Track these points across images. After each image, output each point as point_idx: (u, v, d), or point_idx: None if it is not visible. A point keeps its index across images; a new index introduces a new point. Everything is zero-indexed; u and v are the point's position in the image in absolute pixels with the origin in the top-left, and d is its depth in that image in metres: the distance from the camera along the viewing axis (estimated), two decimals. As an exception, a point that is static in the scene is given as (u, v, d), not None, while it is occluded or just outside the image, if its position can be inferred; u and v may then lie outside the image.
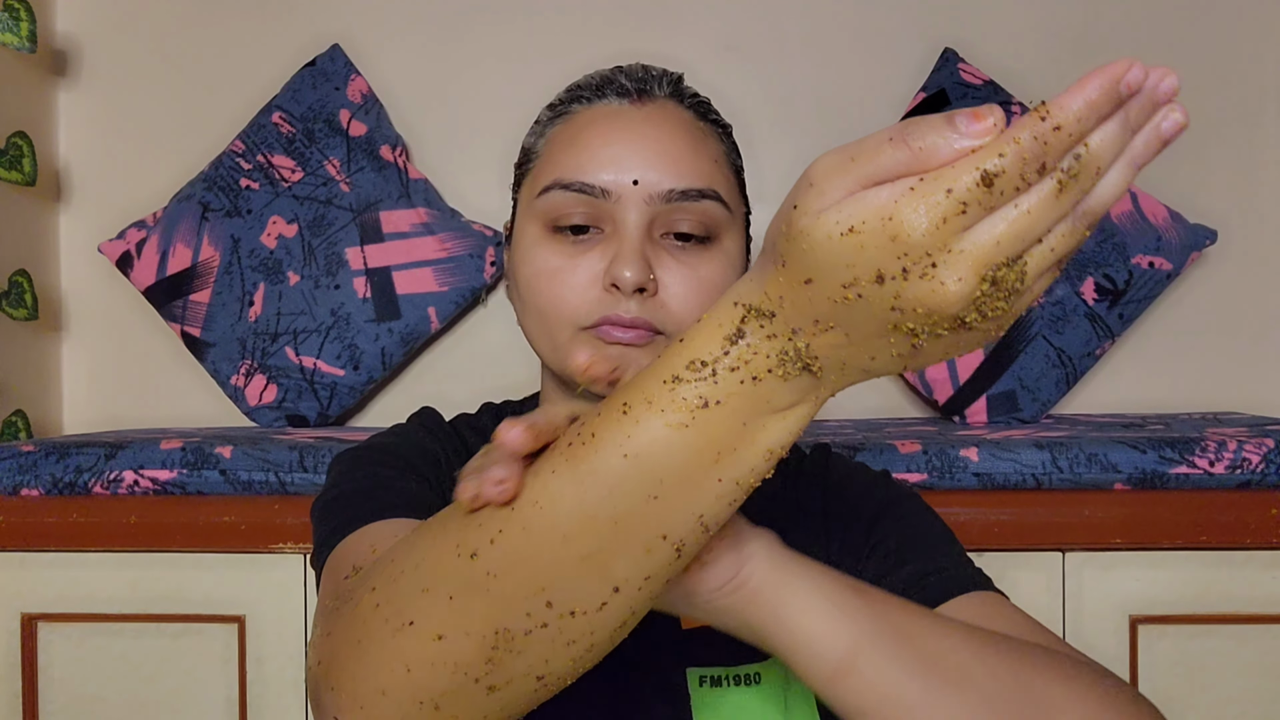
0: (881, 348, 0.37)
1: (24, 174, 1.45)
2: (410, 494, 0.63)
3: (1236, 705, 1.03)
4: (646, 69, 0.67)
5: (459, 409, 0.80)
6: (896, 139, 0.34)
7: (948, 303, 0.34)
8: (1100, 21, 1.54)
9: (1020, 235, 0.33)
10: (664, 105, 0.65)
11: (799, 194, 0.36)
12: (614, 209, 0.62)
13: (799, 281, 0.36)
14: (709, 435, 0.39)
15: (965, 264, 0.33)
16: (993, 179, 0.33)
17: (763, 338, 0.38)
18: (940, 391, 1.41)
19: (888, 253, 0.34)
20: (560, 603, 0.41)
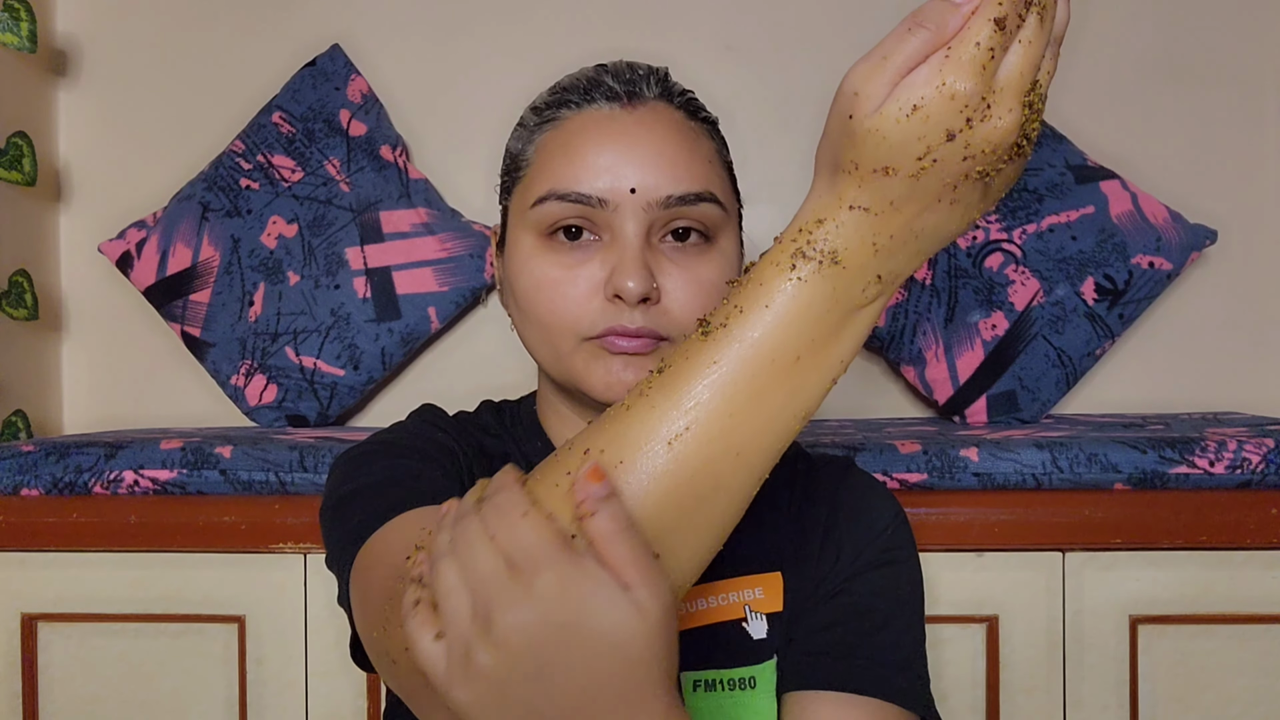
0: (950, 205, 0.43)
1: (24, 174, 1.45)
2: (435, 482, 0.61)
3: (1236, 705, 1.03)
4: (632, 68, 0.66)
5: (459, 408, 0.80)
6: (914, 26, 0.41)
7: (1008, 132, 0.41)
8: (1100, 22, 1.54)
9: (1032, 62, 0.41)
10: (655, 107, 0.64)
11: (848, 105, 0.42)
12: (611, 217, 0.61)
13: (877, 174, 0.42)
14: (819, 306, 0.44)
15: (1009, 97, 0.40)
16: (1003, 21, 0.40)
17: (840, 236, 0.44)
18: (940, 391, 1.41)
19: (950, 112, 0.40)
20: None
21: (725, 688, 0.64)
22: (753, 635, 0.66)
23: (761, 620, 0.66)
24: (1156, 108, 1.53)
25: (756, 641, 0.65)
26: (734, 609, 0.66)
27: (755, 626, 0.66)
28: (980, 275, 1.38)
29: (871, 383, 1.56)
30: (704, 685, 0.64)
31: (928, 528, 1.03)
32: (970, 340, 1.38)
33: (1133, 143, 1.53)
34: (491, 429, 0.74)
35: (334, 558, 0.61)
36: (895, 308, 1.41)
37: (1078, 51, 1.54)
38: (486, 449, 0.71)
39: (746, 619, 0.66)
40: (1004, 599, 1.03)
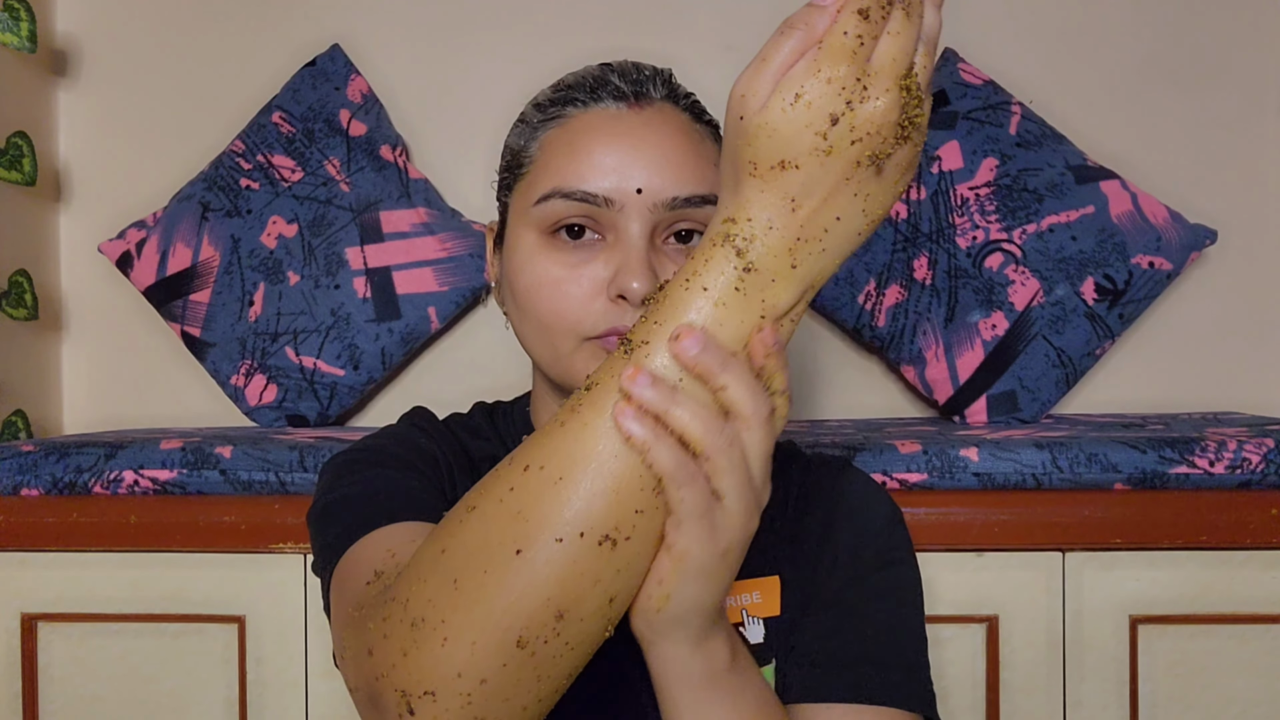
0: (851, 197, 0.45)
1: (24, 174, 1.45)
2: (416, 496, 0.62)
3: (1236, 705, 1.03)
4: (638, 68, 0.66)
5: (459, 408, 0.80)
6: (786, 29, 0.44)
7: (887, 111, 0.43)
8: (1100, 22, 1.54)
9: (903, 48, 0.43)
10: (661, 108, 0.64)
11: (738, 108, 0.45)
12: (616, 217, 0.61)
13: (775, 169, 0.44)
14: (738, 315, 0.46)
15: (883, 79, 0.43)
16: (866, 12, 0.42)
17: (748, 244, 0.45)
18: (940, 391, 1.41)
19: (830, 96, 0.43)
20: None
21: None
22: (750, 640, 0.66)
23: (759, 625, 0.66)
24: (1156, 108, 1.53)
25: (753, 646, 0.65)
26: (731, 613, 0.66)
27: (752, 631, 0.66)
28: (980, 275, 1.38)
29: (871, 383, 1.56)
30: None
31: (928, 528, 1.03)
32: (970, 340, 1.38)
33: (1133, 143, 1.53)
34: (482, 431, 0.74)
35: (315, 566, 0.63)
36: (895, 307, 1.41)
37: (1078, 51, 1.54)
38: (472, 453, 0.72)
39: (744, 623, 0.66)
40: (1004, 599, 1.03)
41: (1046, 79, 1.53)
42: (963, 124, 1.43)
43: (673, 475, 0.43)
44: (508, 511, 0.44)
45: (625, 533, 0.44)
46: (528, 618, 0.43)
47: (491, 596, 0.43)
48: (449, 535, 0.46)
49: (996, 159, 1.41)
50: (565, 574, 0.43)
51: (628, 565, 0.45)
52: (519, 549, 0.43)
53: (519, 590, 0.43)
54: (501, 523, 0.44)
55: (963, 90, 1.46)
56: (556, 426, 0.46)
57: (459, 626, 0.43)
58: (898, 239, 1.41)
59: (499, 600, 0.43)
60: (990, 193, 1.40)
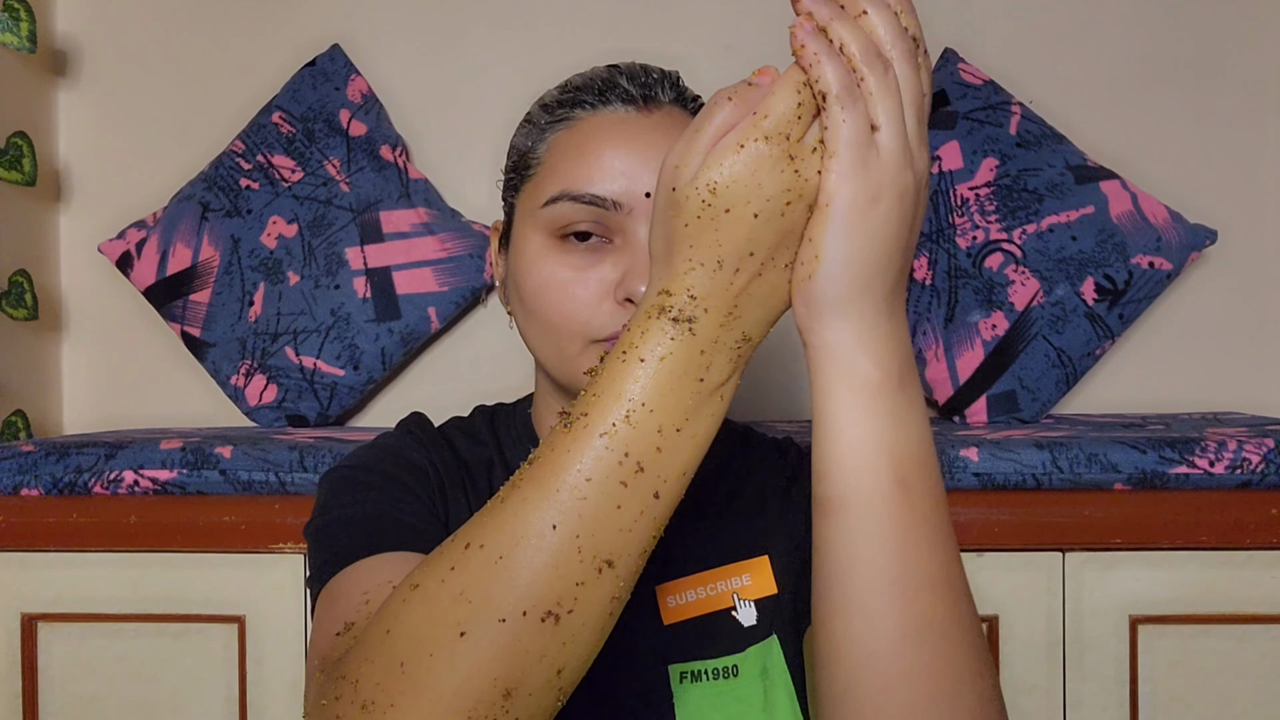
0: (783, 267, 0.45)
1: (24, 174, 1.45)
2: (399, 522, 0.63)
3: (1236, 705, 1.03)
4: (646, 71, 0.66)
5: (459, 409, 0.80)
6: (719, 100, 0.44)
7: (815, 188, 0.44)
8: (1100, 22, 1.54)
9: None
10: (670, 112, 0.64)
11: (670, 179, 0.45)
12: (625, 221, 0.61)
13: (706, 240, 0.44)
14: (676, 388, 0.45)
15: (808, 156, 0.44)
16: (799, 88, 0.43)
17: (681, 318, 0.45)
18: (940, 391, 1.41)
19: (759, 169, 0.43)
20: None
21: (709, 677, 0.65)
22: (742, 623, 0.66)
23: (750, 607, 0.67)
24: (1156, 108, 1.53)
25: (746, 629, 0.66)
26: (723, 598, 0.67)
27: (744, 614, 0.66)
28: (980, 275, 1.38)
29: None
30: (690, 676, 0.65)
31: (928, 528, 1.03)
32: (970, 340, 1.38)
33: (1133, 143, 1.53)
34: (480, 436, 0.74)
35: (309, 585, 0.64)
36: (895, 308, 1.41)
37: (1078, 51, 1.54)
38: (467, 460, 0.72)
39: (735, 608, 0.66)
40: (1004, 599, 1.03)
41: (1046, 79, 1.53)
42: (963, 124, 1.43)
43: (839, 92, 0.43)
44: (450, 592, 0.44)
45: (568, 606, 0.43)
46: (475, 699, 0.43)
47: (438, 679, 0.43)
48: (393, 616, 0.46)
49: (996, 159, 1.41)
50: (510, 653, 0.43)
51: (573, 638, 0.44)
52: (462, 631, 0.43)
53: (465, 672, 0.43)
54: (444, 604, 0.44)
55: (963, 90, 1.46)
56: (498, 503, 0.45)
57: (407, 710, 0.43)
58: (898, 239, 1.41)
59: (446, 683, 0.43)
60: (990, 193, 1.40)
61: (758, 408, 1.56)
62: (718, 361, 0.46)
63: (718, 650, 0.65)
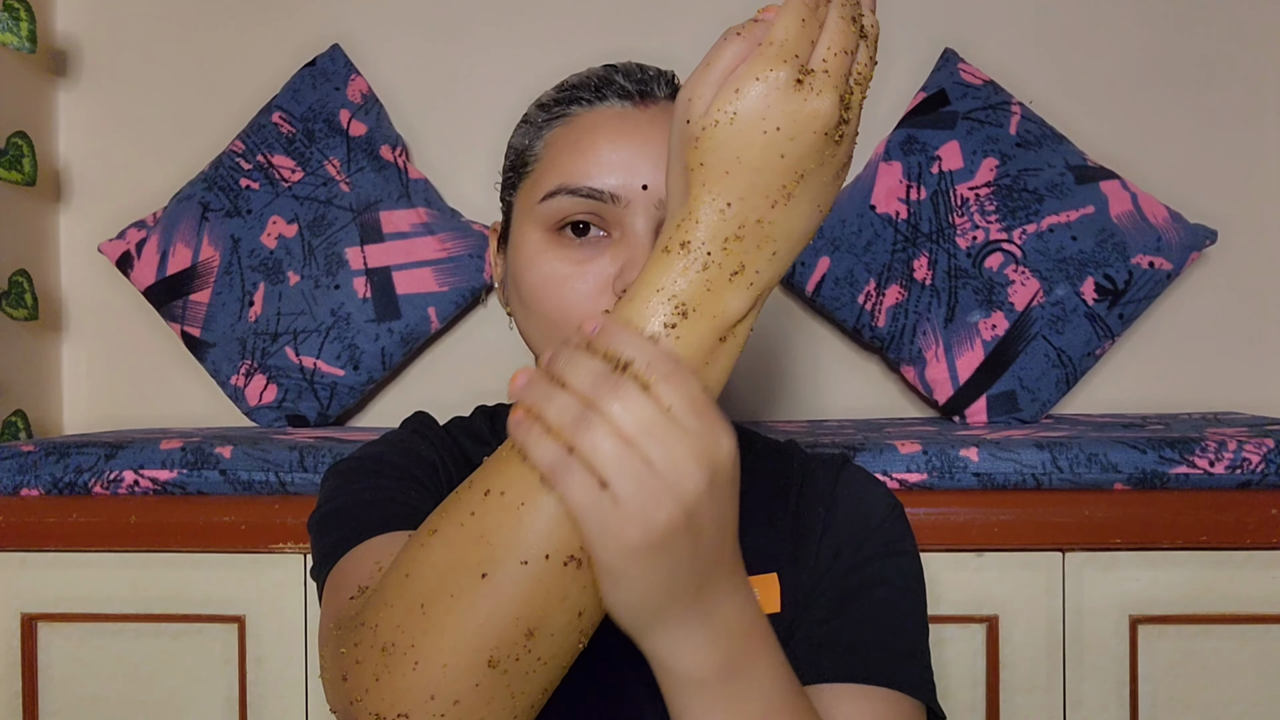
0: (797, 198, 0.45)
1: (24, 174, 1.45)
2: (410, 506, 0.63)
3: (1236, 705, 1.03)
4: (642, 68, 0.67)
5: (459, 409, 0.80)
6: (728, 35, 0.46)
7: (827, 113, 0.44)
8: (1100, 22, 1.54)
9: (839, 49, 0.45)
10: (666, 107, 0.65)
11: (684, 111, 0.46)
12: (623, 214, 0.61)
13: (721, 169, 0.45)
14: (696, 343, 0.46)
15: (820, 80, 0.44)
16: (806, 17, 0.44)
17: (700, 253, 0.46)
18: (940, 391, 1.41)
19: (770, 97, 0.44)
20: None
21: None
22: None
23: None
24: (1156, 108, 1.53)
25: None
26: None
27: None
28: (980, 275, 1.38)
29: (871, 383, 1.56)
30: None
31: (928, 528, 1.03)
32: (970, 340, 1.38)
33: (1133, 143, 1.53)
34: (482, 435, 0.74)
35: (314, 572, 0.64)
36: (895, 307, 1.41)
37: (1078, 51, 1.54)
38: (472, 458, 0.72)
39: None
40: (1004, 599, 1.03)
41: (1046, 79, 1.53)
42: (963, 124, 1.43)
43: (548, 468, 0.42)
44: (470, 536, 0.44)
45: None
46: (497, 638, 0.43)
47: (459, 620, 0.43)
48: (412, 560, 0.46)
49: (996, 159, 1.41)
50: (532, 594, 0.43)
51: (595, 581, 0.44)
52: (484, 573, 0.43)
53: (486, 612, 0.43)
54: (464, 547, 0.44)
55: (963, 90, 1.46)
56: (512, 451, 0.45)
57: (429, 650, 0.43)
58: (898, 239, 1.41)
59: (467, 623, 0.43)
60: (990, 193, 1.40)
61: (759, 408, 1.56)
62: (734, 297, 0.46)
63: None
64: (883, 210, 1.42)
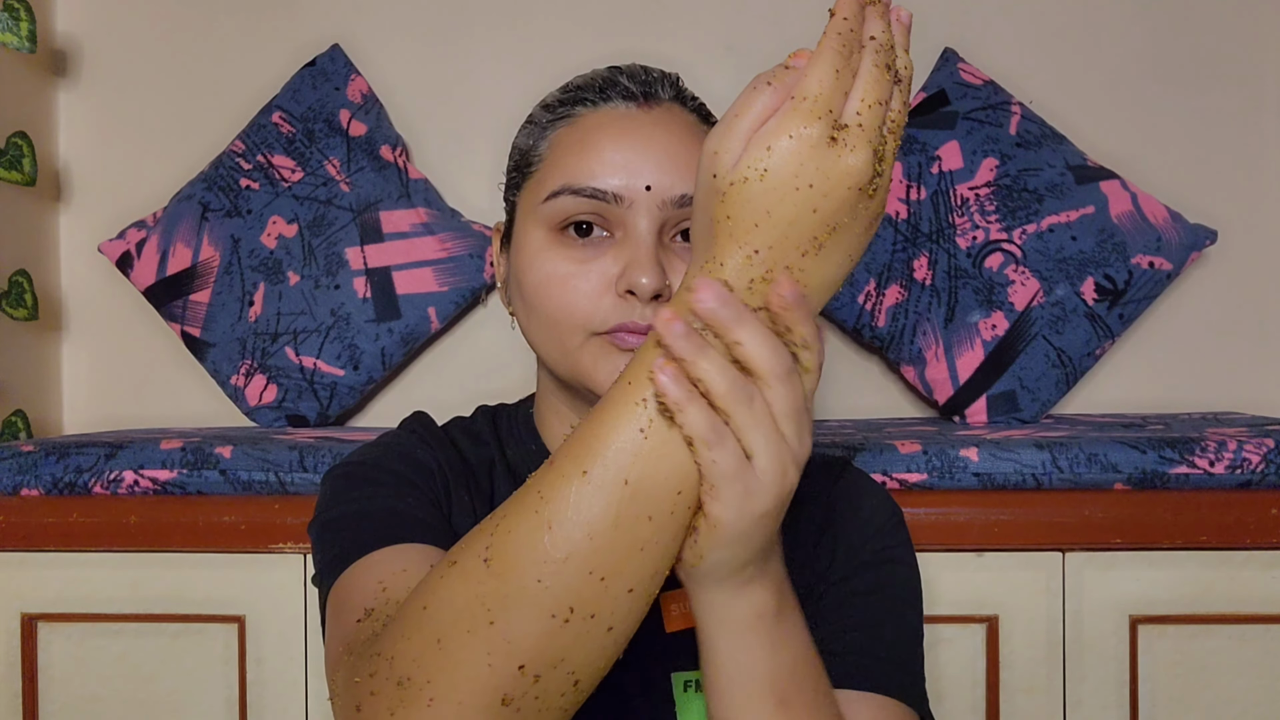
0: (827, 251, 0.45)
1: (24, 174, 1.45)
2: (408, 515, 0.63)
3: (1236, 705, 1.03)
4: (646, 70, 0.67)
5: (459, 409, 0.80)
6: (757, 85, 0.44)
7: (859, 170, 0.43)
8: (1100, 22, 1.54)
9: (873, 102, 0.43)
10: (670, 109, 0.65)
11: (710, 165, 0.44)
12: (626, 214, 0.61)
13: (749, 227, 0.44)
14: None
15: (854, 136, 0.43)
16: (840, 70, 0.43)
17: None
18: (940, 391, 1.41)
19: (802, 154, 0.42)
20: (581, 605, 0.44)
21: None
22: None
23: None
24: (1156, 108, 1.53)
25: None
26: None
27: None
28: (980, 275, 1.38)
29: (871, 383, 1.56)
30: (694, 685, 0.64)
31: (928, 528, 1.03)
32: (970, 340, 1.38)
33: (1133, 143, 1.53)
34: (482, 436, 0.74)
35: (315, 580, 0.64)
36: (895, 307, 1.41)
37: (1078, 51, 1.54)
38: (470, 460, 0.72)
39: None
40: (1004, 599, 1.03)
41: (1046, 79, 1.53)
42: (963, 124, 1.43)
43: (704, 436, 0.43)
44: (491, 570, 0.44)
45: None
46: (511, 677, 0.43)
47: (476, 656, 0.43)
48: (431, 592, 0.46)
49: (996, 159, 1.41)
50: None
51: (618, 607, 0.45)
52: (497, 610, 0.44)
53: (504, 651, 0.43)
54: (483, 580, 0.44)
55: (963, 90, 1.46)
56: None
57: (444, 687, 0.43)
58: (898, 239, 1.41)
59: (483, 660, 0.43)
60: (990, 193, 1.40)
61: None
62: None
63: None
64: (883, 210, 1.42)
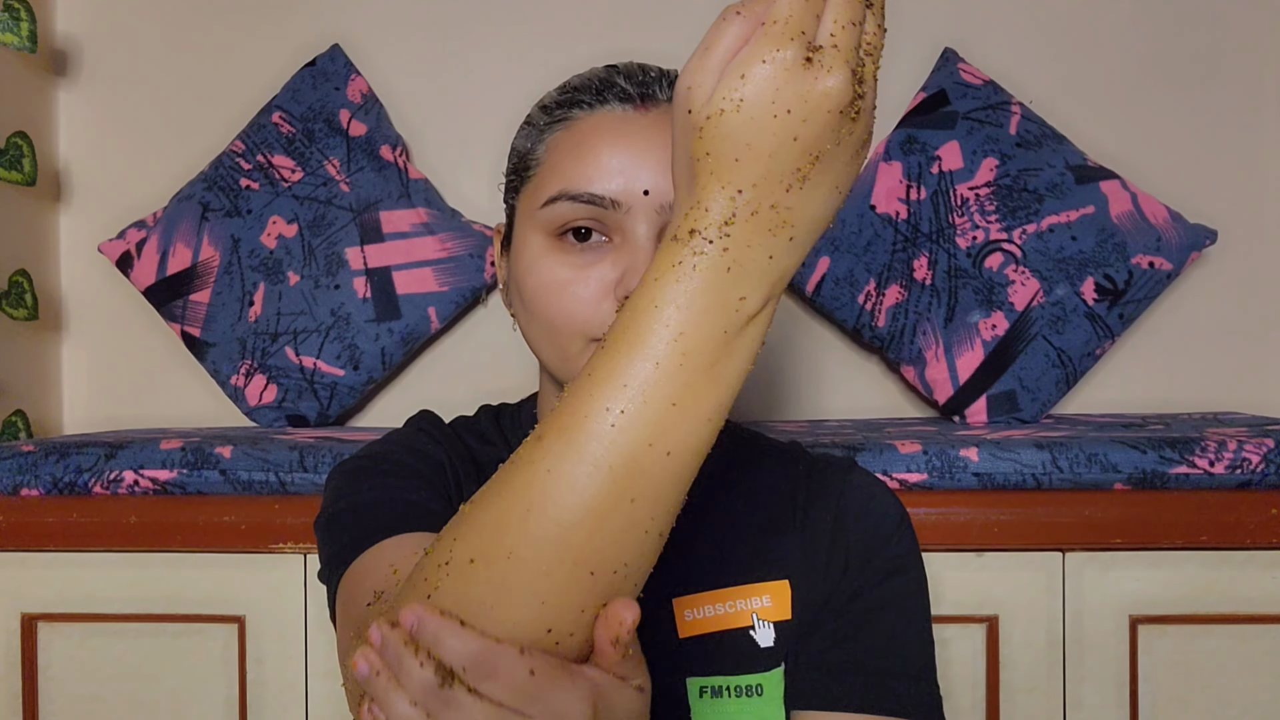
0: (812, 182, 0.43)
1: (24, 174, 1.45)
2: (420, 505, 0.63)
3: (1236, 705, 1.03)
4: (644, 70, 0.66)
5: (460, 409, 0.80)
6: (727, 15, 0.43)
7: (838, 92, 0.41)
8: (1099, 21, 1.54)
9: (846, 23, 0.42)
10: (668, 109, 0.64)
11: (685, 101, 0.43)
12: (624, 219, 0.61)
13: (729, 162, 0.42)
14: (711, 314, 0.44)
15: (829, 58, 0.41)
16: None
17: (711, 248, 0.43)
18: (940, 391, 1.41)
19: (777, 80, 0.41)
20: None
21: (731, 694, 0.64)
22: (760, 644, 0.66)
23: (769, 629, 0.66)
24: (1156, 108, 1.53)
25: (764, 650, 0.66)
26: (742, 617, 0.66)
27: (763, 635, 0.66)
28: (980, 275, 1.38)
29: (871, 383, 1.56)
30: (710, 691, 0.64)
31: (928, 528, 1.03)
32: (970, 340, 1.38)
33: (1133, 143, 1.53)
34: (488, 435, 0.74)
35: (323, 574, 0.64)
36: (895, 307, 1.41)
37: (1078, 51, 1.54)
38: (478, 457, 0.72)
39: (754, 627, 0.66)
40: (1004, 599, 1.03)
41: (1046, 79, 1.53)
42: (963, 124, 1.43)
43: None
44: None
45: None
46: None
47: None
48: (431, 585, 0.46)
49: (996, 159, 1.41)
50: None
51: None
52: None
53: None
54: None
55: (963, 90, 1.46)
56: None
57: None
58: (898, 239, 1.41)
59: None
60: (990, 193, 1.40)
61: (759, 408, 1.56)
62: (753, 288, 0.44)
63: (737, 668, 0.64)
64: (883, 210, 1.42)
